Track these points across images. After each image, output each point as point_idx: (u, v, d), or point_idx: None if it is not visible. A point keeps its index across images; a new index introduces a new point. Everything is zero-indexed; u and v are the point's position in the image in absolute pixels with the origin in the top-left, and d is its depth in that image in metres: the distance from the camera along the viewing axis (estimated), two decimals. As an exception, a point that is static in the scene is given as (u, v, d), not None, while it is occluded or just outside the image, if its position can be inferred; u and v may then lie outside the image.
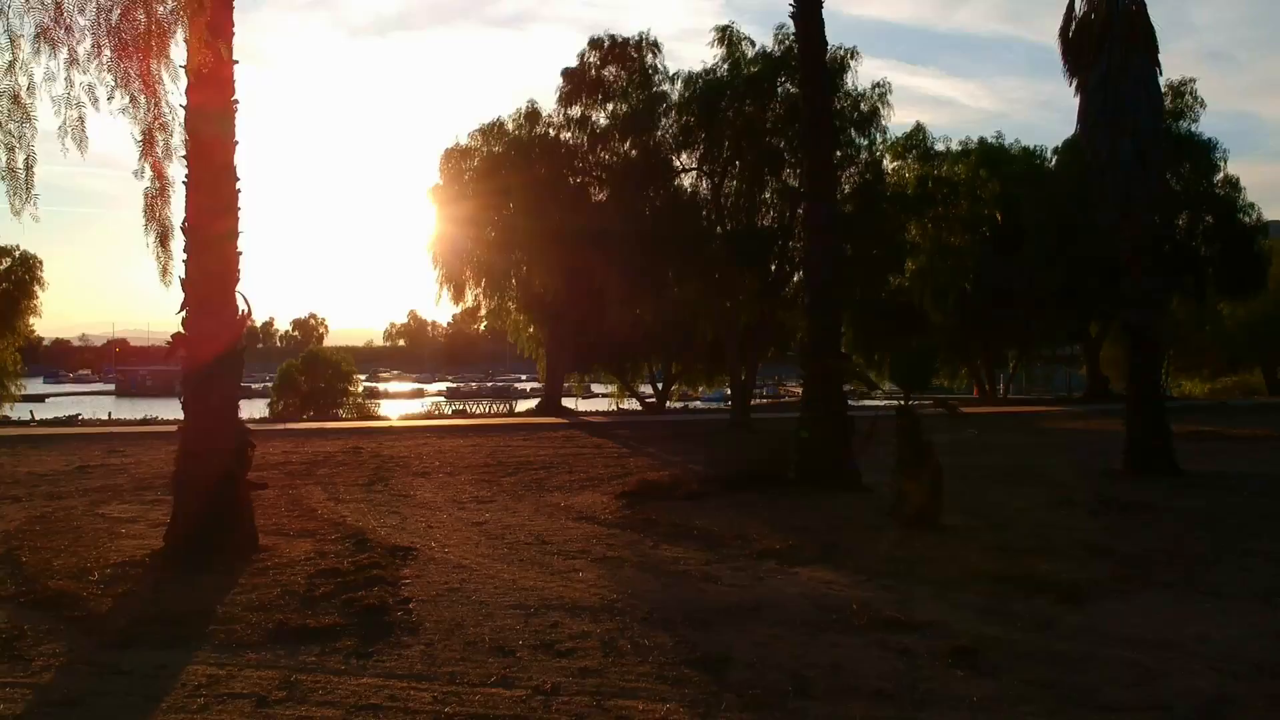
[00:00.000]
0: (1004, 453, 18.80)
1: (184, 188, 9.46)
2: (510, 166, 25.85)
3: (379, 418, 33.03)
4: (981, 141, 39.65)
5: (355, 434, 23.63)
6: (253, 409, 43.41)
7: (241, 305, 9.82)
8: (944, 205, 28.36)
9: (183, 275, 9.58)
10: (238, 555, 9.16)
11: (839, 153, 23.35)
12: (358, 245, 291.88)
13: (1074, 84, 15.77)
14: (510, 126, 27.48)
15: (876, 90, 24.34)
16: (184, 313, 9.62)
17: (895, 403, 11.20)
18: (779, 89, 23.42)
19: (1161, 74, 15.12)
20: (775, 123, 23.51)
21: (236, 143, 9.79)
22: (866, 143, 24.03)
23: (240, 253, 9.81)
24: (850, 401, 13.85)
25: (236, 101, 9.72)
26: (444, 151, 29.80)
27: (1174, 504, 12.50)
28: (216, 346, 9.60)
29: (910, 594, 7.83)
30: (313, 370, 37.41)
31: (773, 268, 24.88)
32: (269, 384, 42.69)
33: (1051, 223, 35.18)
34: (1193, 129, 38.38)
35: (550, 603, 7.51)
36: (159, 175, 8.69)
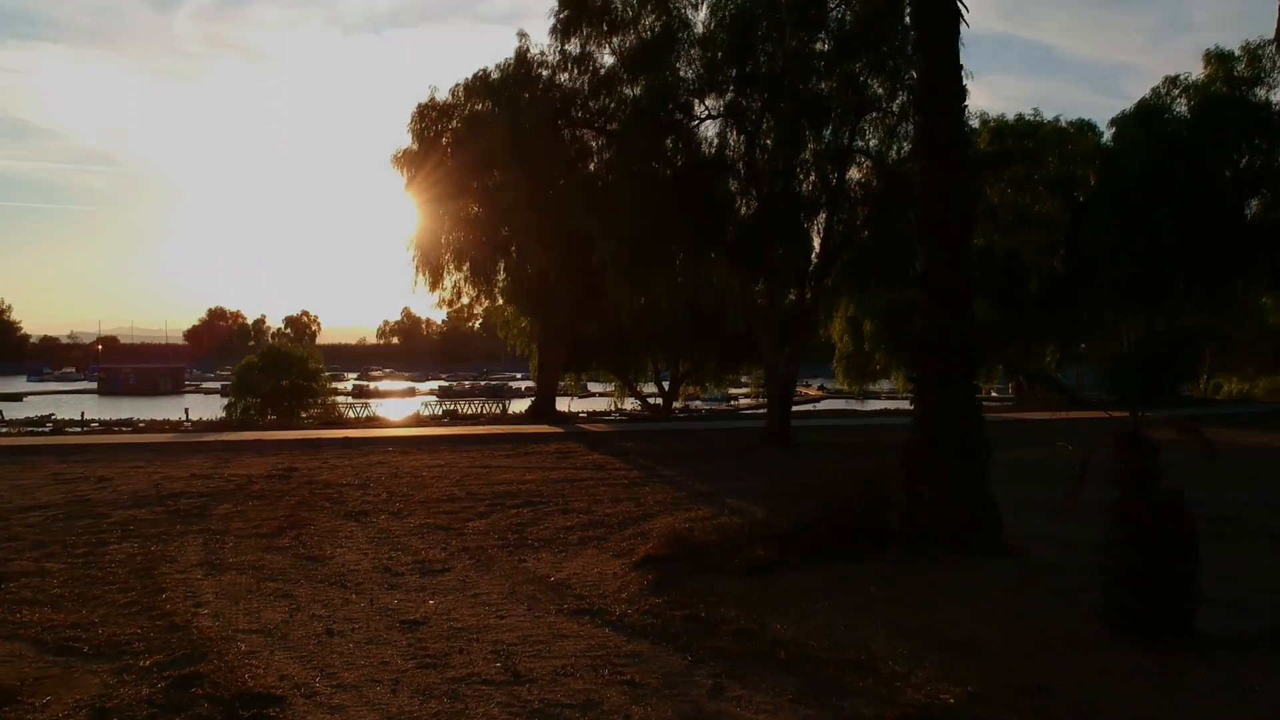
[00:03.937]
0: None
1: None
2: (495, 122, 21.09)
3: (349, 422, 28.42)
4: (1020, 118, 35.37)
5: (299, 447, 19.11)
6: (207, 408, 39.15)
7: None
8: (1023, 164, 23.89)
9: None
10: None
11: (901, 98, 18.84)
12: (352, 243, 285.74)
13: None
14: (496, 76, 22.70)
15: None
16: None
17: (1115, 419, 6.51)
18: (830, 15, 18.80)
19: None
20: (822, 58, 18.89)
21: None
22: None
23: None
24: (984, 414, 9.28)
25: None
26: (416, 107, 24.49)
27: None
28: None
29: None
30: (274, 368, 32.90)
31: (816, 243, 20.36)
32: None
33: (1116, 204, 30.81)
34: (1270, 97, 33.85)
35: None
36: None
